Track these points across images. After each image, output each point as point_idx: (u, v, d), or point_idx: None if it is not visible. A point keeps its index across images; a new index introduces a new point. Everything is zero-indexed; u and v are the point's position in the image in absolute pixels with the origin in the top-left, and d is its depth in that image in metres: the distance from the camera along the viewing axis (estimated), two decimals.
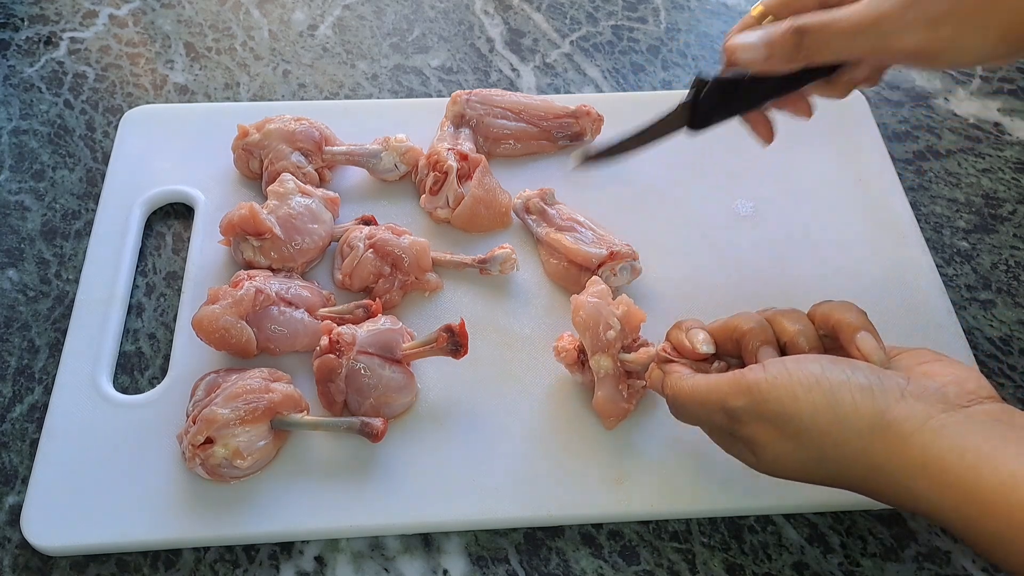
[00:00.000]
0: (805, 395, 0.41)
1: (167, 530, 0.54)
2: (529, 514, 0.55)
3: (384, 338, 0.58)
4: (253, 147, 0.68)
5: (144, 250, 0.68)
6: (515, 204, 0.68)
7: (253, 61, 0.82)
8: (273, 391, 0.55)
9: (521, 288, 0.65)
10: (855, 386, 0.40)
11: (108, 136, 0.76)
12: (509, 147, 0.72)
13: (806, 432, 0.41)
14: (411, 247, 0.63)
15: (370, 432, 0.55)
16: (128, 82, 0.80)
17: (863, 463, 0.40)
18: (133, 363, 0.62)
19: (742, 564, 0.54)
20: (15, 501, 0.56)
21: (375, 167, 0.69)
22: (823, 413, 0.40)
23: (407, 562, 0.54)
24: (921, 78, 0.82)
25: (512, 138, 0.72)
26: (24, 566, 0.54)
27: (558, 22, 0.87)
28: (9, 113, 0.77)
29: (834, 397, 0.40)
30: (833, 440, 0.40)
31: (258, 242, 0.62)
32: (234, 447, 0.53)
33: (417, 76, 0.82)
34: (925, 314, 0.64)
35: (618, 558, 0.55)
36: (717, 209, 0.70)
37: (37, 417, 0.60)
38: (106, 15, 0.85)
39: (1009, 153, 0.77)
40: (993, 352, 0.64)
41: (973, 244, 0.71)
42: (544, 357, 0.62)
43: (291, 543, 0.55)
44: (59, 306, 0.65)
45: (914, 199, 0.73)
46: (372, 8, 0.87)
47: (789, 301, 0.65)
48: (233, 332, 0.58)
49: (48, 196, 0.72)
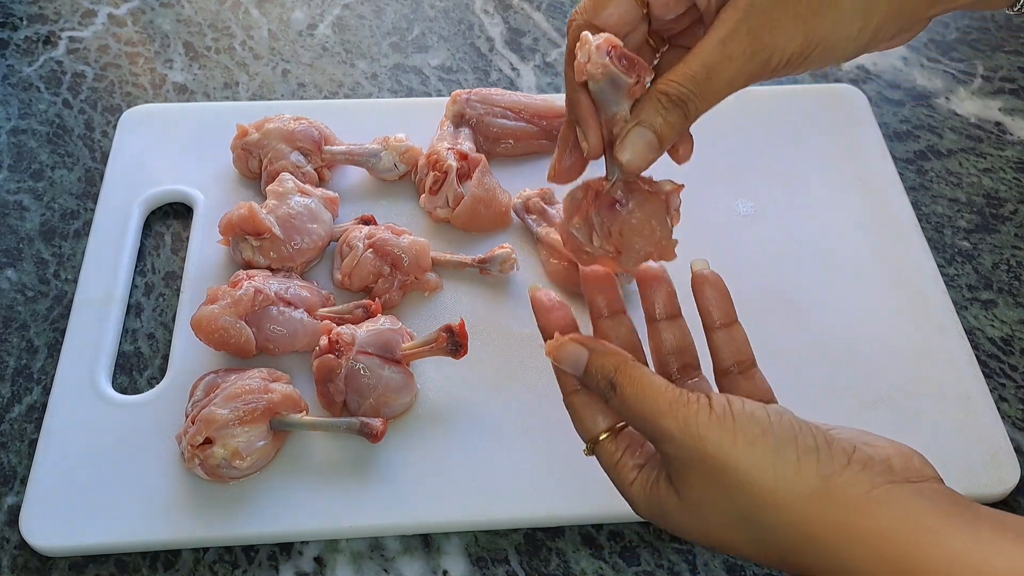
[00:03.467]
0: (747, 447, 0.37)
1: (166, 530, 0.54)
2: (529, 514, 0.55)
3: (384, 338, 0.57)
4: (252, 146, 0.68)
5: (143, 250, 0.68)
6: (515, 204, 0.68)
7: (252, 60, 0.82)
8: (272, 391, 0.55)
9: (521, 288, 0.65)
10: (801, 447, 0.37)
11: (107, 136, 0.76)
12: (509, 147, 0.72)
13: (743, 487, 0.37)
14: (411, 247, 0.63)
15: (370, 432, 0.55)
16: (127, 81, 0.80)
17: (797, 532, 0.37)
18: (132, 363, 0.62)
19: (742, 564, 0.54)
20: (14, 501, 0.56)
21: (375, 167, 0.69)
22: (764, 471, 0.37)
23: (407, 562, 0.54)
24: (922, 77, 0.82)
25: (512, 138, 0.72)
26: (23, 566, 0.54)
27: (558, 21, 0.87)
28: (8, 113, 0.77)
29: (778, 455, 0.37)
30: (770, 502, 0.37)
31: (257, 242, 0.62)
32: (233, 447, 0.53)
33: (417, 75, 0.82)
34: (926, 314, 0.64)
35: (618, 558, 0.55)
36: (717, 209, 0.70)
37: (36, 417, 0.60)
38: (105, 14, 0.85)
39: (1010, 153, 0.76)
40: (994, 352, 0.64)
41: (974, 244, 0.70)
42: (544, 357, 0.61)
43: (290, 544, 0.55)
44: (58, 306, 0.65)
45: (915, 199, 0.73)
46: (372, 7, 0.87)
47: (789, 301, 0.65)
48: (232, 332, 0.58)
49: (47, 196, 0.72)
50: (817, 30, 0.40)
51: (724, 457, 0.37)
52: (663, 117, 0.40)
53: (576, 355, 0.42)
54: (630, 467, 0.42)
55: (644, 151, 0.41)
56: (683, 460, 0.38)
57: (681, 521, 0.40)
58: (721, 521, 0.39)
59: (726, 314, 0.45)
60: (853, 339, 0.63)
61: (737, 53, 0.40)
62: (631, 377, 0.40)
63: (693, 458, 0.38)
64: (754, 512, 0.37)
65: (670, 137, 0.41)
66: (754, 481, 0.37)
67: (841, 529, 0.36)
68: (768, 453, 0.37)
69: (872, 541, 0.35)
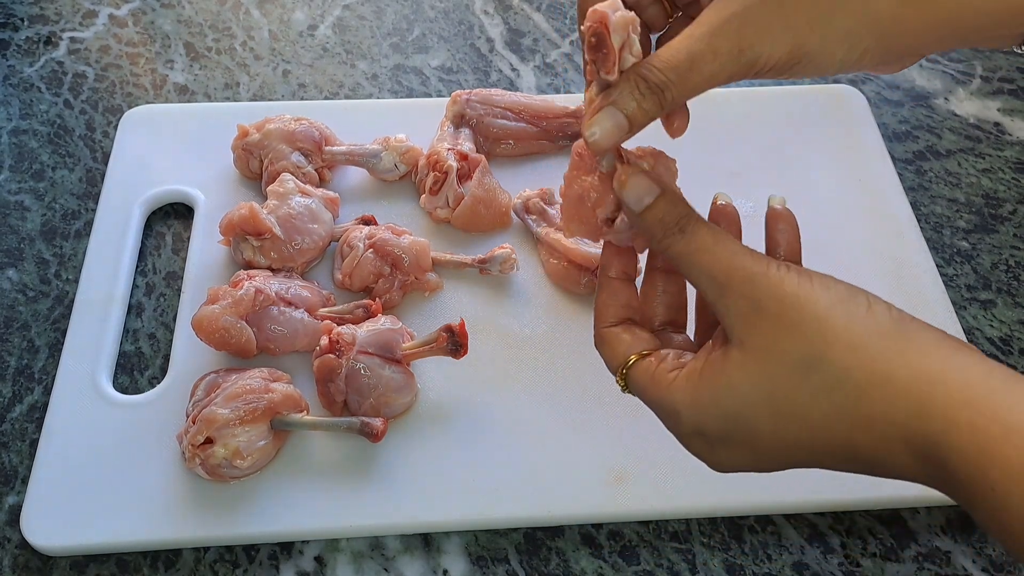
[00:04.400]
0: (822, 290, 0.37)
1: (167, 530, 0.54)
2: (529, 514, 0.55)
3: (384, 338, 0.58)
4: (253, 147, 0.68)
5: (144, 250, 0.68)
6: (515, 204, 0.68)
7: (253, 61, 0.82)
8: (273, 391, 0.55)
9: (521, 288, 0.65)
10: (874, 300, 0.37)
11: (108, 136, 0.76)
12: (509, 147, 0.72)
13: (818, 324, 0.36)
14: (411, 247, 0.63)
15: (370, 432, 0.55)
16: (128, 82, 0.80)
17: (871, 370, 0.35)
18: (133, 363, 0.62)
19: (742, 564, 0.54)
20: (15, 501, 0.56)
21: (375, 167, 0.69)
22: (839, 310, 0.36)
23: (407, 562, 0.54)
24: (921, 78, 0.82)
25: (512, 138, 0.72)
26: (24, 566, 0.54)
27: (558, 22, 0.87)
28: (9, 113, 0.77)
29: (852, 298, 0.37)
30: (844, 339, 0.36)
31: (258, 242, 0.62)
32: (234, 447, 0.53)
33: (417, 76, 0.82)
34: (925, 314, 0.64)
35: (618, 558, 0.55)
36: None
37: (37, 417, 0.60)
38: (106, 15, 0.85)
39: (1009, 153, 0.77)
40: (993, 352, 0.64)
41: (973, 244, 0.71)
42: (544, 357, 0.62)
43: (291, 543, 0.55)
44: (59, 306, 0.65)
45: (914, 199, 0.73)
46: (372, 8, 0.87)
47: None
48: (233, 332, 0.58)
49: (48, 196, 0.72)
50: (805, 44, 0.40)
51: (803, 294, 0.36)
52: (637, 102, 0.40)
53: (647, 187, 0.40)
54: (668, 371, 0.40)
55: (612, 131, 0.40)
56: (757, 302, 0.37)
57: (739, 382, 0.37)
58: (786, 370, 0.36)
59: (794, 251, 0.43)
60: None
61: (723, 49, 0.39)
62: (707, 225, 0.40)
63: (769, 297, 0.37)
64: (823, 352, 0.36)
65: (641, 123, 0.40)
66: (828, 318, 0.36)
67: (916, 368, 0.35)
68: (842, 295, 0.37)
69: (949, 383, 0.34)
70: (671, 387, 0.39)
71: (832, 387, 0.36)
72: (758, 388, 0.37)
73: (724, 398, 0.38)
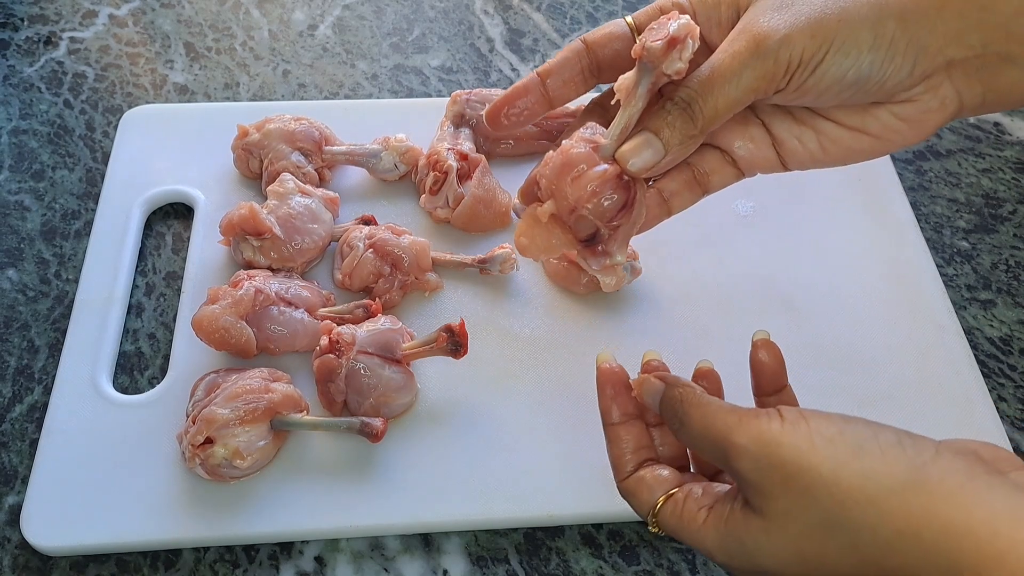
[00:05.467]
0: (826, 447, 0.35)
1: (167, 530, 0.54)
2: (529, 514, 0.55)
3: (384, 338, 0.58)
4: (253, 147, 0.68)
5: (144, 250, 0.68)
6: (515, 204, 0.68)
7: (253, 61, 0.82)
8: (273, 391, 0.55)
9: (521, 288, 0.65)
10: (883, 442, 0.35)
11: (108, 136, 0.76)
12: (509, 147, 0.72)
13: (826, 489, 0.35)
14: (411, 247, 0.63)
15: (370, 432, 0.55)
16: (128, 82, 0.80)
17: (891, 528, 0.34)
18: (133, 363, 0.62)
19: None
20: (15, 501, 0.56)
21: (375, 167, 0.69)
22: (847, 469, 0.35)
23: (407, 562, 0.54)
24: None
25: (512, 138, 0.72)
26: (24, 566, 0.54)
27: (558, 22, 0.87)
28: (9, 113, 0.77)
29: (861, 451, 0.35)
30: (858, 499, 0.34)
31: (258, 242, 0.62)
32: (234, 447, 0.53)
33: (417, 76, 0.82)
34: (925, 314, 0.64)
35: (618, 558, 0.55)
36: (717, 209, 0.70)
37: (37, 417, 0.60)
38: (106, 15, 0.85)
39: (1009, 153, 0.77)
40: (993, 352, 0.64)
41: (973, 244, 0.71)
42: (544, 357, 0.62)
43: (291, 543, 0.55)
44: (59, 306, 0.65)
45: (914, 199, 0.73)
46: (372, 8, 0.87)
47: (789, 301, 0.65)
48: (233, 332, 0.58)
49: (48, 196, 0.72)
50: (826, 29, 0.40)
51: (803, 460, 0.36)
52: (667, 122, 0.41)
53: (656, 388, 0.43)
54: (697, 510, 0.40)
55: (648, 157, 0.42)
56: (760, 472, 0.37)
57: (766, 545, 0.37)
58: (808, 532, 0.36)
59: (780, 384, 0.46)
60: (852, 339, 0.63)
61: (739, 47, 0.40)
62: (696, 404, 0.40)
63: (771, 467, 0.36)
64: (840, 514, 0.35)
65: (674, 142, 0.41)
66: (837, 481, 0.35)
67: (941, 522, 0.33)
68: (848, 450, 0.35)
69: (978, 535, 0.33)
70: (701, 529, 0.40)
71: (856, 544, 0.35)
72: (785, 550, 0.37)
73: (754, 555, 0.38)
